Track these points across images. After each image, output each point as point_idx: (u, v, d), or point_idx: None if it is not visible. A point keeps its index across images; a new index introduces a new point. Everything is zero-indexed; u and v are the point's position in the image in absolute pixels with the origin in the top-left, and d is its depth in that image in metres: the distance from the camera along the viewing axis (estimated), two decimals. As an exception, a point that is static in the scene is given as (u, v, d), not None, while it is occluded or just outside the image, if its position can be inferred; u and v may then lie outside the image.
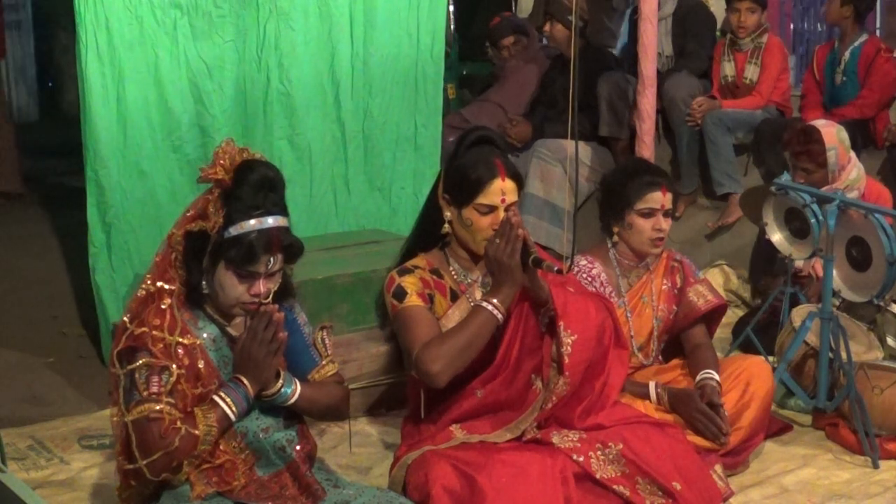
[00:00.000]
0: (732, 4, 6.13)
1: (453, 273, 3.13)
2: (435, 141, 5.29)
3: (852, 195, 4.57)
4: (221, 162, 2.63)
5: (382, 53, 5.11)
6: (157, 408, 2.56)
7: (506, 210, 3.00)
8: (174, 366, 2.60)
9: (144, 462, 2.56)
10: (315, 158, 5.03)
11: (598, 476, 3.00)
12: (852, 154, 4.66)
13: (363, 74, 5.10)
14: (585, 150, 6.24)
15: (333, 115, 5.07)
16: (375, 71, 5.11)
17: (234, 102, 4.77)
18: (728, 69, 6.23)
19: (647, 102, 5.72)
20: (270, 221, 2.63)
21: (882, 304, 4.14)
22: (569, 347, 3.03)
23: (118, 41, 4.42)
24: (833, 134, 4.54)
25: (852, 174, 4.61)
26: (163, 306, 2.65)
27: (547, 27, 6.51)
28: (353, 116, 5.11)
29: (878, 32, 7.64)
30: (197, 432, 2.58)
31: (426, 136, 5.30)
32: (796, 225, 4.08)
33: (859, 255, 3.87)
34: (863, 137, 5.84)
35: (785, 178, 4.18)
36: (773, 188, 4.12)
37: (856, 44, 6.09)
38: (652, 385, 3.60)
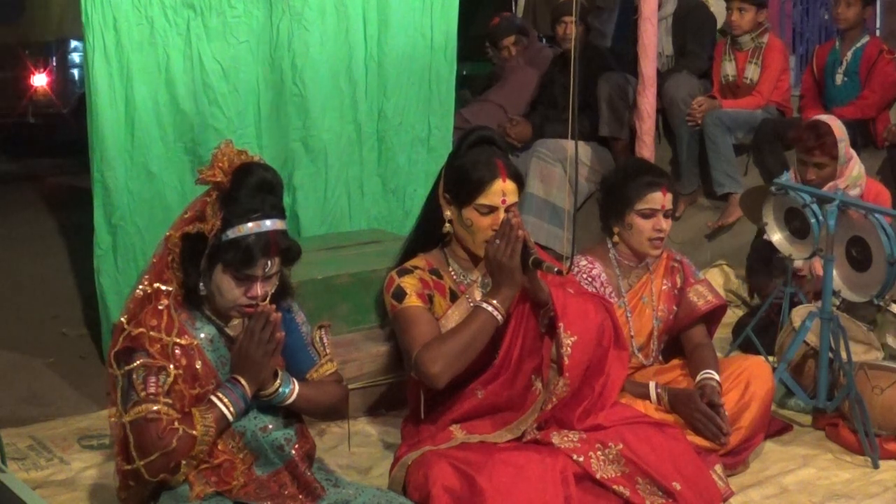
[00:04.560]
0: (728, 3, 6.16)
1: (452, 273, 3.13)
2: (447, 143, 5.27)
3: (854, 192, 4.59)
4: (220, 164, 2.63)
5: (397, 54, 5.10)
6: (155, 408, 2.56)
7: (506, 211, 3.01)
8: (171, 366, 2.61)
9: (142, 462, 2.56)
10: (330, 160, 5.03)
11: (598, 476, 3.00)
12: (852, 151, 4.69)
13: (377, 75, 5.09)
14: (585, 150, 6.24)
15: (350, 116, 5.06)
16: (390, 72, 5.11)
17: (248, 104, 4.77)
18: (729, 69, 6.24)
19: (647, 102, 5.73)
20: (268, 224, 2.63)
21: (882, 304, 4.13)
22: (568, 349, 3.03)
23: (126, 41, 4.41)
24: (839, 127, 4.61)
25: (855, 171, 4.64)
26: (160, 307, 2.65)
27: (571, 29, 6.46)
28: (367, 118, 5.11)
29: (877, 32, 7.64)
30: (194, 432, 2.58)
31: (439, 137, 5.29)
32: (796, 225, 4.08)
33: (859, 255, 3.87)
34: (863, 137, 5.85)
35: (785, 177, 4.18)
36: (773, 188, 4.12)
37: (858, 45, 6.10)
38: (652, 385, 3.59)
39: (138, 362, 2.59)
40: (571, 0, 6.28)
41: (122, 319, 2.67)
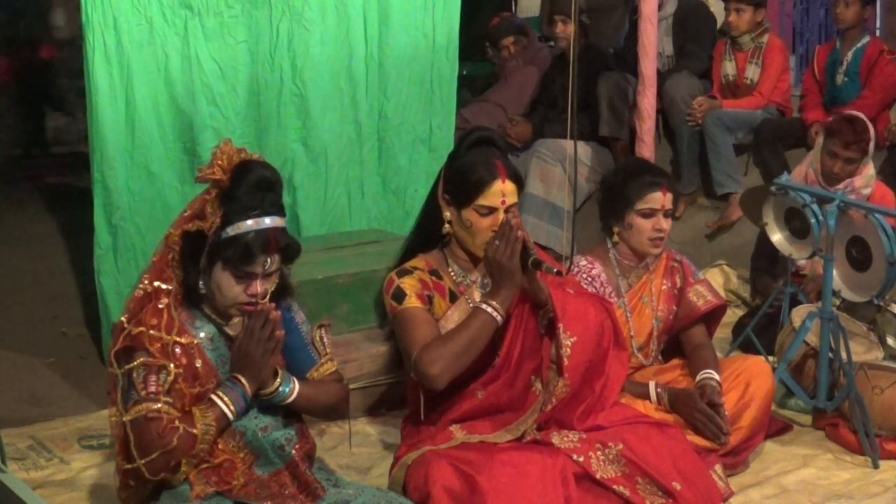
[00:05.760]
0: (726, 3, 6.17)
1: (452, 274, 3.13)
2: (449, 143, 5.24)
3: (866, 192, 4.63)
4: (219, 162, 2.63)
5: (397, 54, 5.09)
6: (155, 407, 2.56)
7: (506, 212, 3.00)
8: (172, 365, 2.61)
9: (143, 462, 2.56)
10: (330, 160, 5.02)
11: (598, 476, 3.00)
12: None
13: (378, 75, 5.08)
14: (585, 150, 6.24)
15: (350, 116, 5.05)
16: (391, 72, 5.10)
17: (247, 104, 4.76)
18: (729, 68, 6.24)
19: (647, 102, 5.72)
20: (268, 222, 2.63)
21: (882, 304, 4.13)
22: (568, 349, 3.03)
23: (126, 41, 4.41)
24: (868, 123, 4.72)
25: (870, 170, 4.69)
26: (160, 306, 2.65)
27: (560, 28, 6.49)
28: (368, 118, 5.10)
29: (877, 32, 7.65)
30: (195, 431, 2.58)
31: (440, 137, 5.28)
32: (796, 225, 4.08)
33: (859, 255, 3.87)
34: (863, 137, 5.85)
35: (785, 178, 4.18)
36: (773, 188, 4.12)
37: (859, 45, 6.11)
38: (652, 385, 3.60)
39: (138, 361, 2.59)
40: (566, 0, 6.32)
41: (123, 319, 2.67)
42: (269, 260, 2.64)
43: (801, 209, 3.95)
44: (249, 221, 2.61)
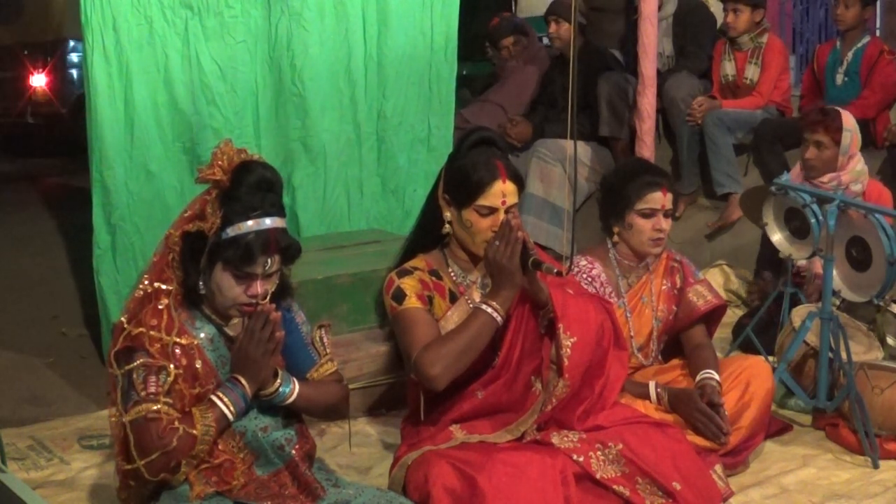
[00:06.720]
0: (724, 4, 6.18)
1: (452, 274, 3.13)
2: (447, 142, 5.27)
3: (856, 188, 4.61)
4: (219, 162, 2.63)
5: (396, 54, 5.10)
6: (155, 408, 2.56)
7: (506, 212, 3.00)
8: (171, 366, 2.61)
9: (143, 462, 2.56)
10: (329, 160, 5.03)
11: (598, 476, 3.00)
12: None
13: (377, 76, 5.10)
14: (585, 150, 6.24)
15: (349, 116, 5.06)
16: (389, 72, 5.12)
17: (247, 104, 4.78)
18: (729, 69, 6.24)
19: (647, 102, 5.73)
20: (268, 223, 2.63)
21: (882, 304, 4.13)
22: (568, 350, 3.03)
23: (126, 41, 4.42)
24: (850, 118, 4.68)
25: (858, 166, 4.68)
26: (160, 306, 2.65)
27: (553, 28, 6.51)
28: (367, 118, 5.11)
29: (877, 32, 7.66)
30: (195, 432, 2.58)
31: (439, 137, 5.29)
32: (796, 225, 4.08)
33: (859, 255, 3.87)
34: (863, 137, 5.85)
35: (785, 177, 4.18)
36: (773, 188, 4.12)
37: (859, 45, 6.12)
38: (652, 385, 3.59)
39: (138, 362, 2.59)
40: (560, 1, 6.34)
41: (122, 319, 2.67)
42: (269, 261, 2.64)
43: (801, 209, 3.95)
44: (250, 222, 2.61)
